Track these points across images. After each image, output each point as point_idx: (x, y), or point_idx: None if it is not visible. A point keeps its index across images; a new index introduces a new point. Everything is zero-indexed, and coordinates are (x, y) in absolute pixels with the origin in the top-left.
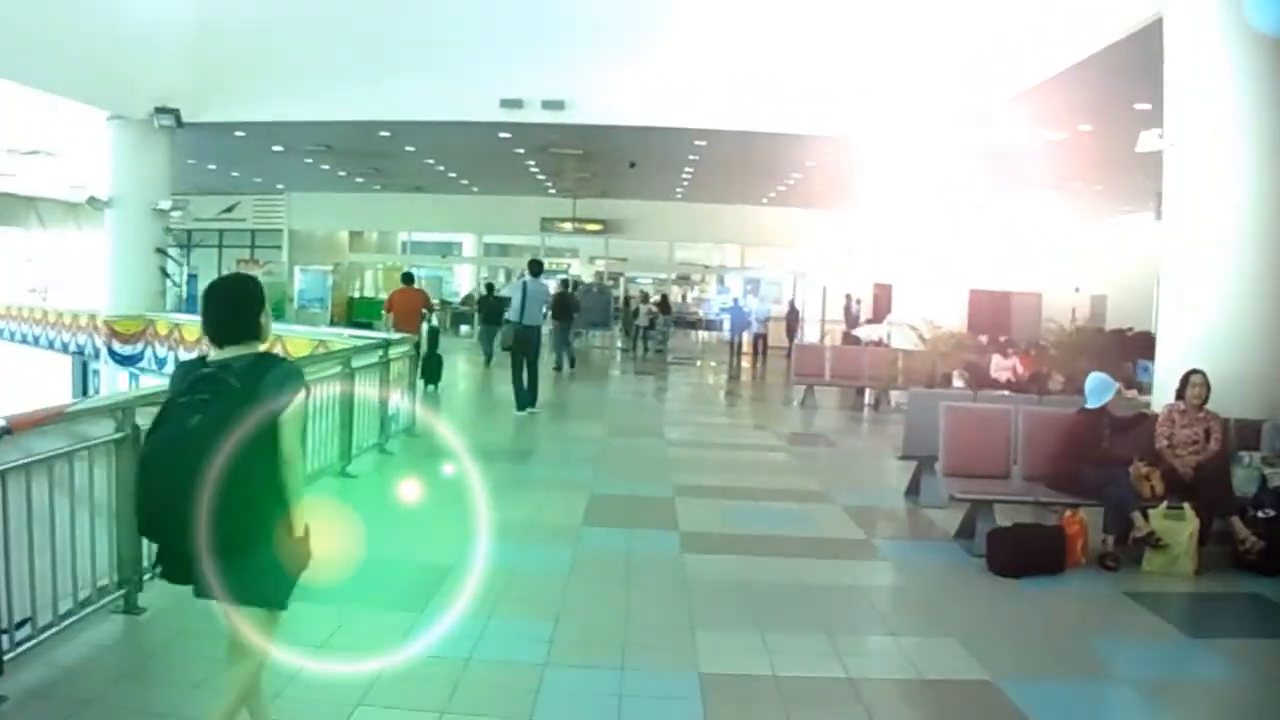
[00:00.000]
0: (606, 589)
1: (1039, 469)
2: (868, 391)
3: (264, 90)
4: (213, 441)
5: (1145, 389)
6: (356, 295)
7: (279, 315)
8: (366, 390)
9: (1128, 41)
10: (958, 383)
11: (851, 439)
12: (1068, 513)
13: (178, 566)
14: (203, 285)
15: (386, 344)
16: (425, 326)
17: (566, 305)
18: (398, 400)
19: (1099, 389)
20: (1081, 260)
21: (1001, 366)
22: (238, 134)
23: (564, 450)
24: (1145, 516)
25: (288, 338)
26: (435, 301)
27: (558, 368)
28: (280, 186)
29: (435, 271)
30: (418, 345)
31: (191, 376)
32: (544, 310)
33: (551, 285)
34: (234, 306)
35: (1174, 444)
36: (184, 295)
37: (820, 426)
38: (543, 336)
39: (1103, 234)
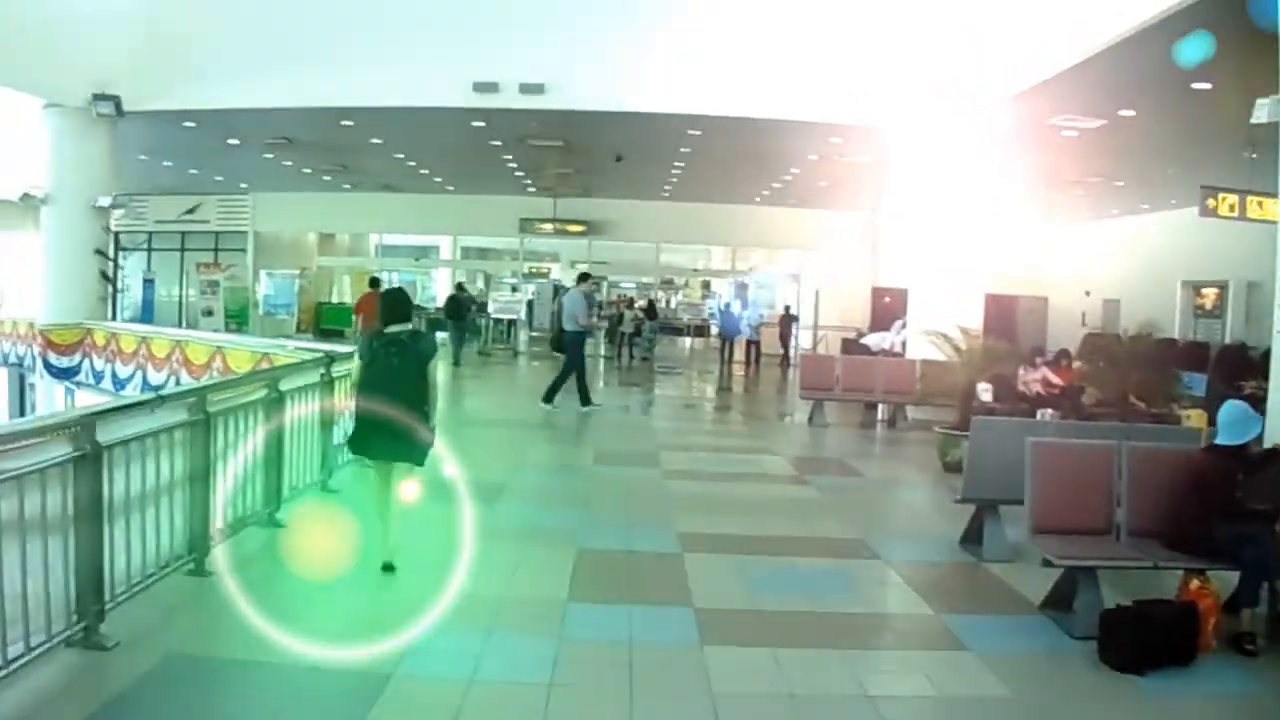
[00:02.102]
0: (604, 714)
1: (1149, 522)
2: (881, 407)
3: (213, 75)
4: (404, 370)
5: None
6: (326, 301)
7: (242, 323)
8: (302, 417)
9: (1195, 8)
10: (985, 396)
11: (875, 465)
12: (1195, 582)
13: (376, 449)
14: (161, 290)
15: (329, 359)
16: None
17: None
18: (346, 425)
19: (1239, 422)
20: (1092, 262)
21: (1031, 378)
22: (188, 124)
23: (543, 484)
24: None
25: (228, 350)
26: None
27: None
28: (244, 185)
29: (410, 275)
30: None
31: (381, 340)
32: (578, 317)
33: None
34: (400, 306)
35: None
36: (140, 301)
37: (836, 449)
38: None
39: (1116, 235)
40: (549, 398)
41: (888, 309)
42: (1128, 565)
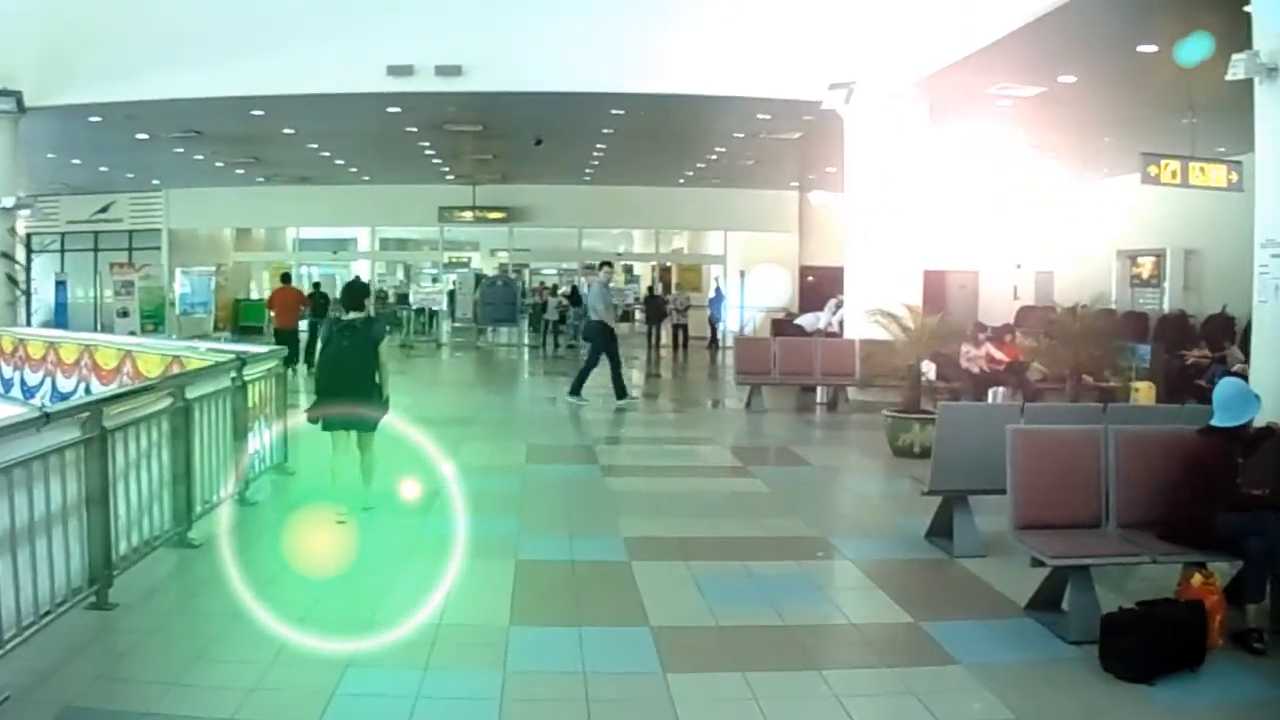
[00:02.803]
0: None
1: (1141, 512)
2: (820, 390)
3: (116, 68)
4: (355, 352)
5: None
6: (244, 298)
7: (159, 323)
8: (214, 425)
9: None
10: (929, 375)
11: (821, 452)
12: (1197, 577)
13: (335, 421)
14: (75, 291)
15: (241, 362)
16: (307, 320)
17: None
18: (262, 431)
19: (1236, 400)
20: (1022, 235)
21: (972, 356)
22: (93, 119)
23: (475, 489)
24: None
25: (138, 354)
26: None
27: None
28: (156, 182)
29: (330, 268)
30: (296, 340)
31: (339, 325)
32: (603, 307)
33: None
34: (357, 295)
35: None
36: (52, 304)
37: (778, 436)
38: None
39: (1047, 206)
40: (575, 390)
41: (813, 288)
42: (1125, 562)
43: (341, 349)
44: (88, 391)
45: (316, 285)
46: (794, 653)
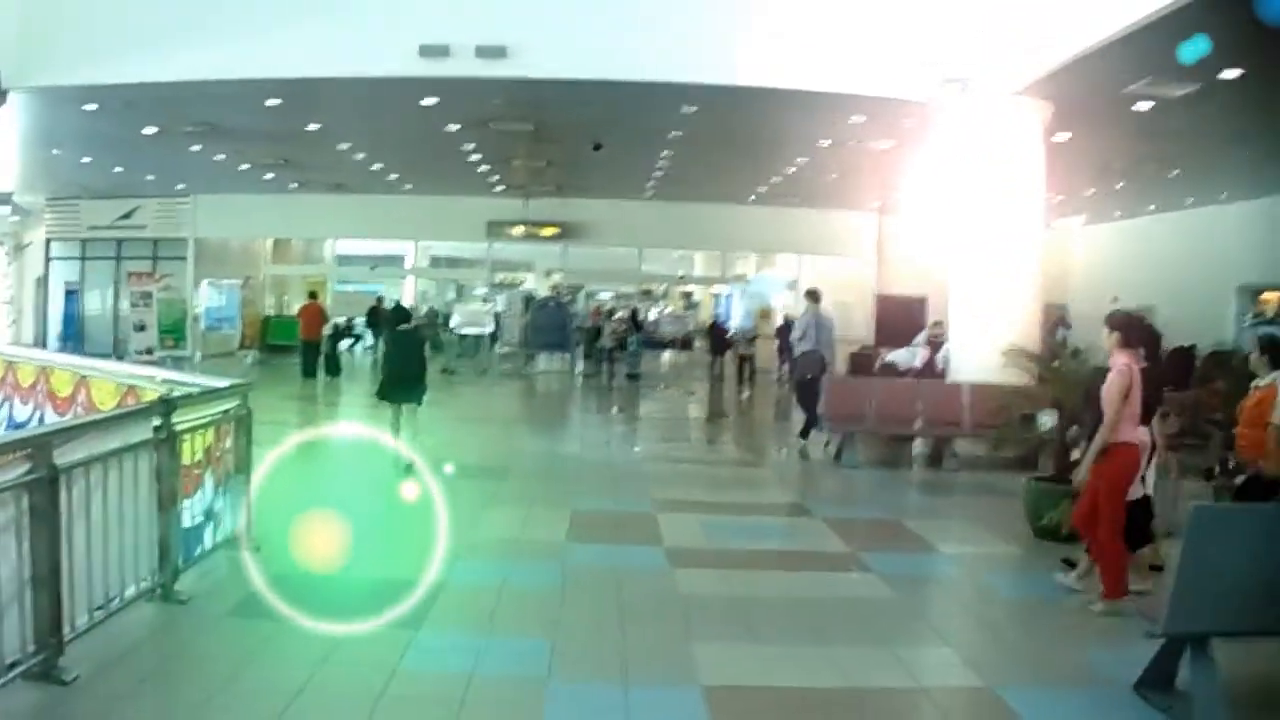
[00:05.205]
0: None
1: None
2: (918, 441)
3: (108, 45)
4: (409, 350)
5: None
6: (277, 315)
7: (179, 339)
8: (112, 498)
9: None
10: (1046, 424)
11: (944, 530)
12: None
13: (396, 396)
14: (94, 301)
15: (168, 406)
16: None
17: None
18: (201, 499)
19: None
20: (1118, 264)
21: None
22: (88, 107)
23: (495, 584)
24: None
25: (94, 380)
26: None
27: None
28: (181, 186)
29: (371, 287)
30: (317, 351)
31: (397, 333)
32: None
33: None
34: (403, 314)
35: None
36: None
37: (884, 504)
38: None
39: (1150, 233)
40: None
41: (888, 318)
42: None
43: (402, 348)
44: (41, 421)
45: (379, 300)
46: None
